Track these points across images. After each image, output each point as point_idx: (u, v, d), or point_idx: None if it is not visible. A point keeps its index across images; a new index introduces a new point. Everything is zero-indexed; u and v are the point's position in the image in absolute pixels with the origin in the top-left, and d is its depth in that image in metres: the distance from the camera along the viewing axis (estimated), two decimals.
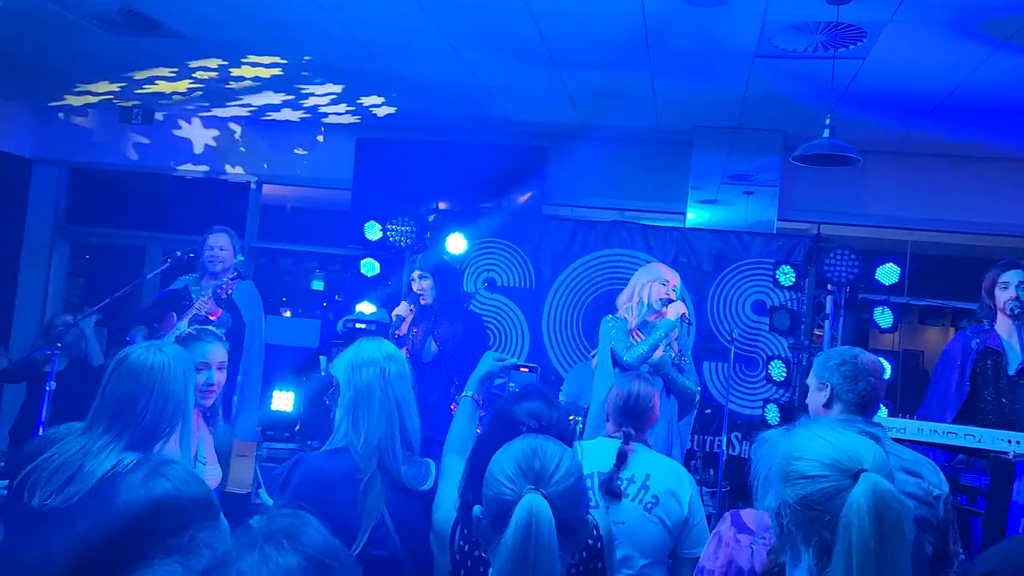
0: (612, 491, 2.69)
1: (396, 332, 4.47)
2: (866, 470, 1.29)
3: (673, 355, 3.97)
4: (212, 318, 4.38)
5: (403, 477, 2.10)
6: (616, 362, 3.90)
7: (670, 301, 4.01)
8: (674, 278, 4.12)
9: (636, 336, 3.99)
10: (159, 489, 1.37)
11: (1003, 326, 3.82)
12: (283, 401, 5.46)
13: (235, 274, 4.51)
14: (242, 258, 5.03)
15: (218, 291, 4.40)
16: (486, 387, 2.48)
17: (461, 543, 1.86)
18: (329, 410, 2.26)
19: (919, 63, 4.62)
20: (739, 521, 2.00)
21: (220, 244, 4.71)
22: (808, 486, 1.31)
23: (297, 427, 5.38)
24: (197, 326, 2.96)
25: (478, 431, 2.29)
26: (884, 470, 1.31)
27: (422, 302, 4.53)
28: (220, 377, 2.84)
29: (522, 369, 3.92)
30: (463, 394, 2.39)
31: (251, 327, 4.74)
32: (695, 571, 2.06)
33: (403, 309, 4.51)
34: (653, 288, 4.00)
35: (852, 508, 1.24)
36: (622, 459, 2.74)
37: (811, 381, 2.60)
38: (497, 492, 1.48)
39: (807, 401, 2.64)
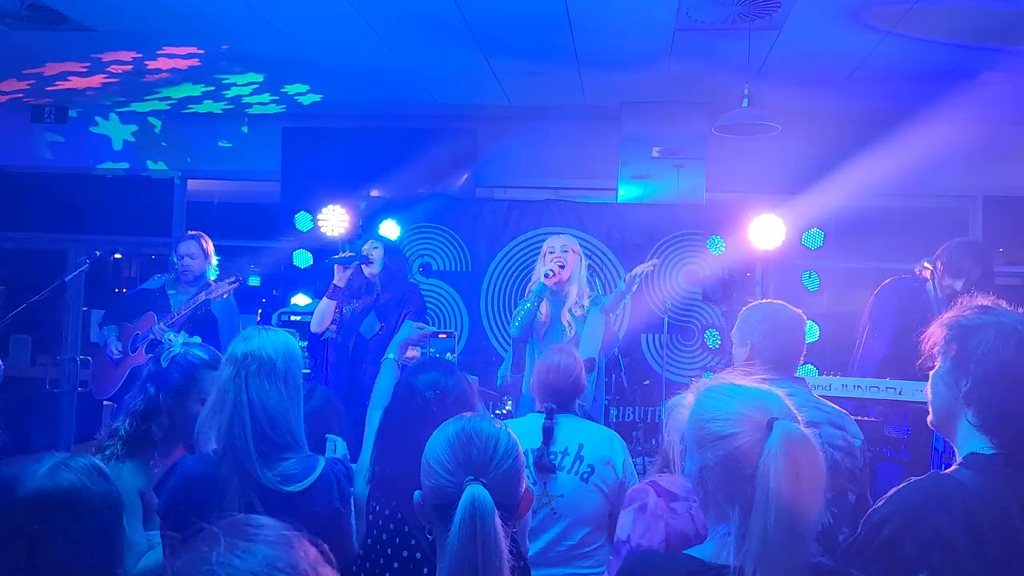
0: (544, 466, 2.73)
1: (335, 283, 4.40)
2: (776, 418, 1.29)
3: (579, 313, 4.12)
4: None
5: (267, 480, 1.95)
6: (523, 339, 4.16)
7: (561, 267, 4.16)
8: (562, 243, 4.24)
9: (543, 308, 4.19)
10: (63, 480, 1.33)
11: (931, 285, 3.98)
12: None
13: (233, 279, 4.40)
14: (219, 258, 4.89)
15: (210, 296, 4.41)
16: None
17: (374, 505, 1.93)
18: None
19: (828, 38, 4.74)
20: (663, 490, 1.94)
21: (189, 252, 4.66)
22: (726, 445, 1.30)
23: None
24: None
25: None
26: (792, 415, 1.32)
27: (367, 272, 4.43)
28: None
29: (440, 335, 3.98)
30: (385, 356, 2.50)
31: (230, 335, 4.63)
32: (623, 553, 1.93)
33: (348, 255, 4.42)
34: (545, 259, 4.22)
35: (768, 455, 1.24)
36: (548, 435, 2.78)
37: (734, 337, 2.64)
38: (437, 483, 1.46)
39: (733, 355, 2.68)
